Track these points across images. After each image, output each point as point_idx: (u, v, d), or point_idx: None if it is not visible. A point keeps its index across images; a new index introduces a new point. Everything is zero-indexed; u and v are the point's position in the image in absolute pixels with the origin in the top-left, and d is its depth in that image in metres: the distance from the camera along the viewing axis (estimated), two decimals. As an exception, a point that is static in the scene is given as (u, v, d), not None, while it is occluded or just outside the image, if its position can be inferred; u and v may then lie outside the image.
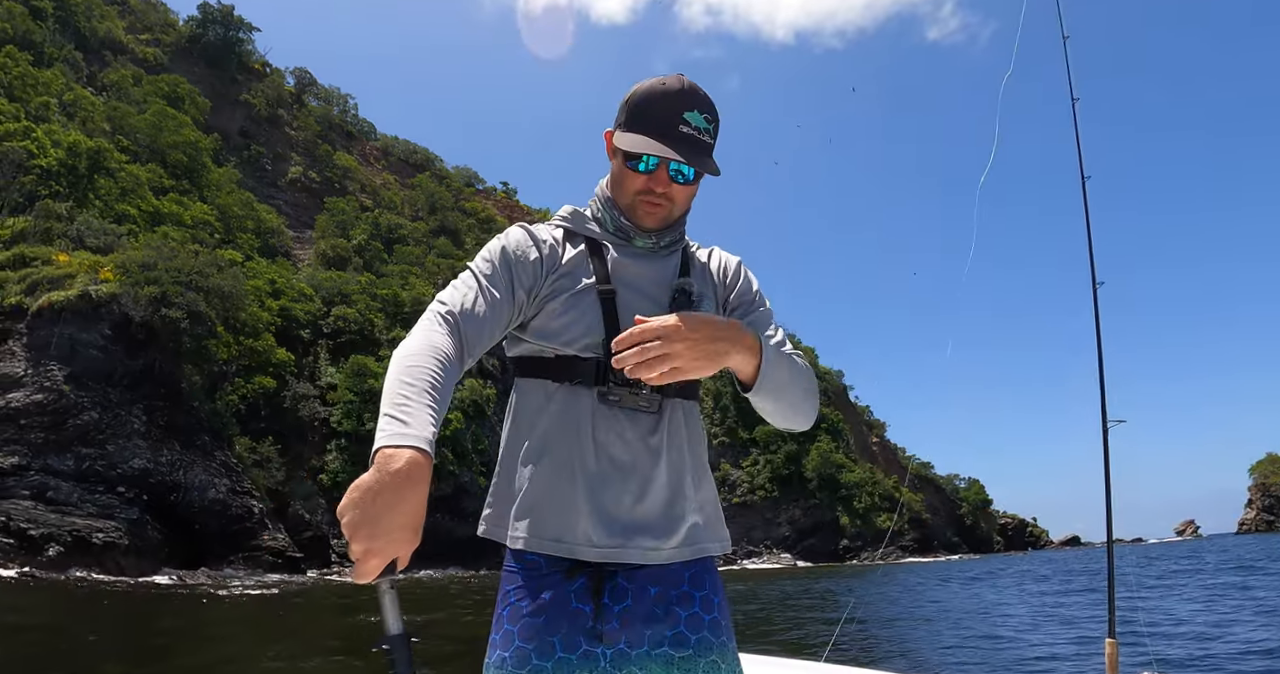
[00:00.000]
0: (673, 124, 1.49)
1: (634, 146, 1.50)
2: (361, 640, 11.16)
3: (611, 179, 1.62)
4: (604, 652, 1.48)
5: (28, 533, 21.34)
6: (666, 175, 1.54)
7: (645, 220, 1.59)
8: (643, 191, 1.56)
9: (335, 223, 57.57)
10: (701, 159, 1.51)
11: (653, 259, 1.64)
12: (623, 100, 1.57)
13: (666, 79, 1.53)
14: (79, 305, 26.47)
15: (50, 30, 44.83)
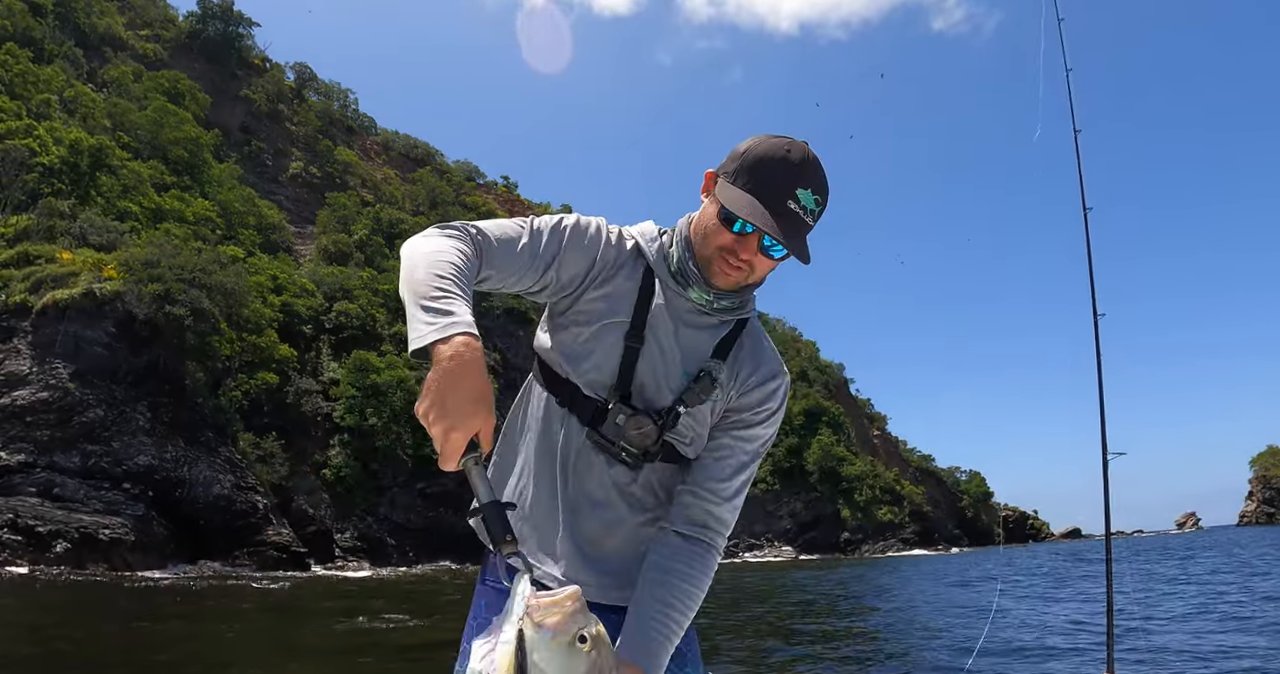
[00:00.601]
0: (783, 197, 1.41)
1: (737, 206, 1.42)
2: (364, 637, 11.32)
3: (698, 223, 1.54)
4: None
5: (35, 530, 21.54)
6: (757, 244, 1.46)
7: (717, 279, 1.51)
8: (727, 250, 1.48)
9: (336, 218, 57.60)
10: (798, 242, 1.43)
11: (698, 321, 1.57)
12: (738, 150, 1.49)
13: (792, 145, 1.45)
14: (83, 303, 26.61)
15: (50, 27, 44.82)
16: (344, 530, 40.47)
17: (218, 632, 11.96)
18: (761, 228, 1.39)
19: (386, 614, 13.91)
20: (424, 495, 44.47)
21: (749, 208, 1.41)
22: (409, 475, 43.94)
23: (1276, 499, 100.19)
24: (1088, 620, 12.72)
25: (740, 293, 1.58)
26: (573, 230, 1.54)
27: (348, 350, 45.56)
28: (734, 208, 1.42)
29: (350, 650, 10.10)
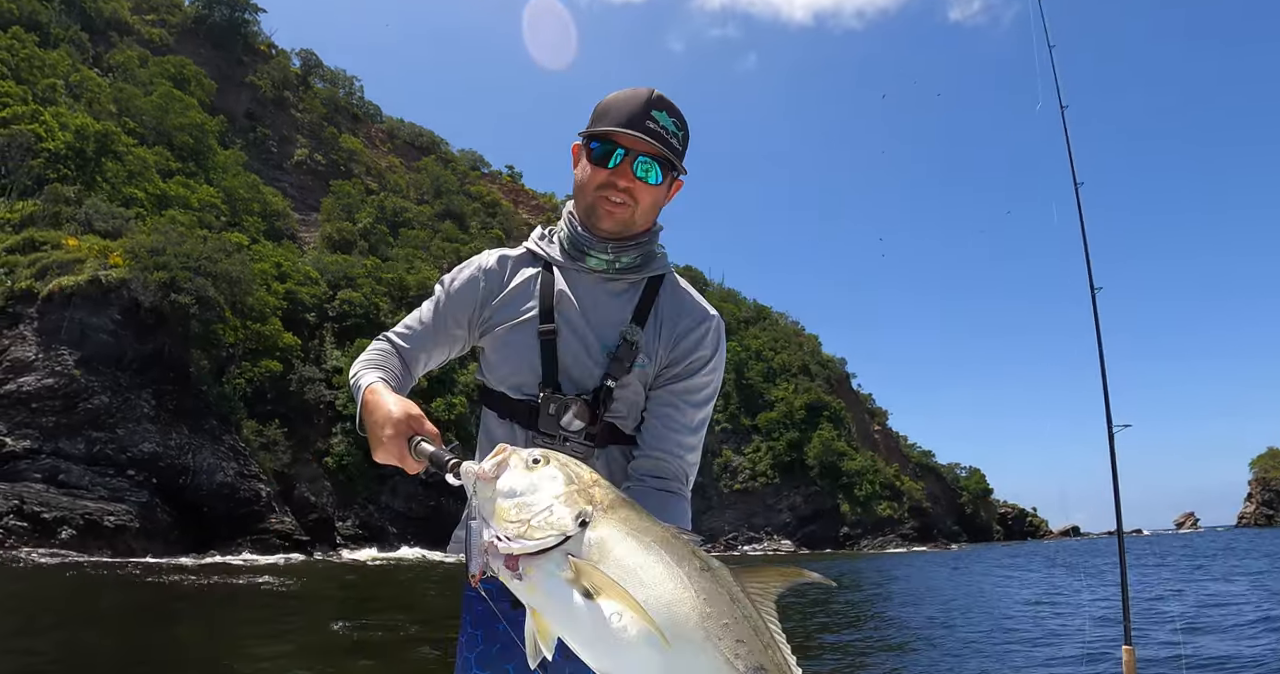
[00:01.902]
0: (640, 120, 1.47)
1: (603, 132, 1.49)
2: (367, 619, 11.39)
3: (576, 185, 1.59)
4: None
5: (41, 516, 21.67)
6: (630, 169, 1.49)
7: (605, 221, 1.54)
8: (605, 186, 1.52)
9: (341, 206, 57.55)
10: (668, 150, 1.49)
11: (607, 291, 1.60)
12: (594, 110, 1.55)
13: (640, 88, 1.52)
14: (89, 290, 26.67)
15: (56, 11, 44.71)
16: (346, 518, 40.65)
17: (218, 620, 12.03)
18: (628, 132, 1.46)
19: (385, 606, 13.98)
20: (426, 484, 44.58)
21: (611, 132, 1.48)
22: (411, 464, 44.09)
23: (1276, 501, 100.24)
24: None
25: (640, 245, 1.59)
26: (448, 291, 1.67)
27: (351, 338, 45.60)
28: (601, 128, 1.49)
29: (357, 630, 10.17)
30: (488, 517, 1.18)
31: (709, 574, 1.17)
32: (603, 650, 1.13)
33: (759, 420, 76.42)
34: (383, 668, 8.50)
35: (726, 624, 1.13)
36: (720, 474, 73.83)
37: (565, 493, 1.16)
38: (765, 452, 76.02)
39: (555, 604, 1.15)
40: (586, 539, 1.14)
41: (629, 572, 1.13)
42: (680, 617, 1.11)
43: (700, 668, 1.11)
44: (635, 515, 1.20)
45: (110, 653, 8.74)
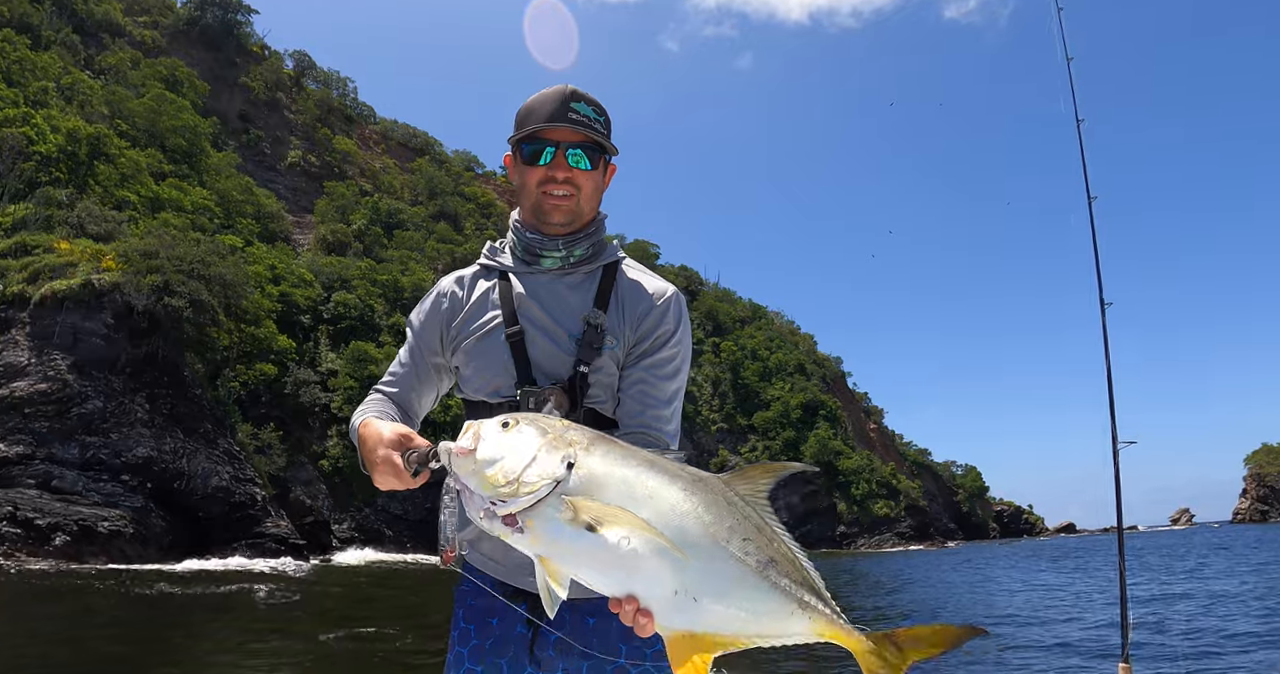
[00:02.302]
0: (562, 113, 1.54)
1: (526, 132, 1.57)
2: (361, 628, 11.32)
3: (517, 190, 1.67)
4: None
5: (34, 522, 21.52)
6: (564, 160, 1.57)
7: (553, 215, 1.60)
8: (544, 181, 1.58)
9: (335, 207, 57.37)
10: (594, 135, 1.56)
11: (565, 285, 1.64)
12: (515, 118, 1.62)
13: (555, 87, 1.59)
14: (82, 294, 26.49)
15: (48, 13, 44.45)
16: (342, 521, 40.53)
17: (208, 630, 11.95)
18: (554, 126, 1.53)
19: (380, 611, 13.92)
20: (423, 487, 44.32)
21: (536, 128, 1.55)
22: (407, 467, 43.95)
23: (1270, 497, 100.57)
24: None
25: (589, 236, 1.65)
26: (414, 327, 1.74)
27: (346, 341, 45.47)
28: (536, 136, 1.56)
29: (353, 636, 10.12)
30: (475, 488, 1.21)
31: (701, 484, 1.24)
32: (619, 575, 1.19)
33: (755, 420, 76.42)
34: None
35: (730, 527, 1.21)
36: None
37: (544, 443, 1.21)
38: (762, 451, 76.00)
39: (562, 545, 1.20)
40: (576, 478, 1.19)
41: (625, 497, 1.19)
42: (685, 527, 1.18)
43: (715, 570, 1.19)
44: (616, 447, 1.26)
45: (95, 664, 8.65)
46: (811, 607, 1.24)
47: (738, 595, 1.21)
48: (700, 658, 1.22)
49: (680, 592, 1.19)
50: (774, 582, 1.22)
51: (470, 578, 1.64)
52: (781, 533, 1.26)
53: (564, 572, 1.22)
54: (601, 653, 1.56)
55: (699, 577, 1.19)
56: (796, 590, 1.24)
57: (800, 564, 1.26)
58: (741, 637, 1.24)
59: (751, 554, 1.21)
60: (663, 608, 1.20)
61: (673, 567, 1.18)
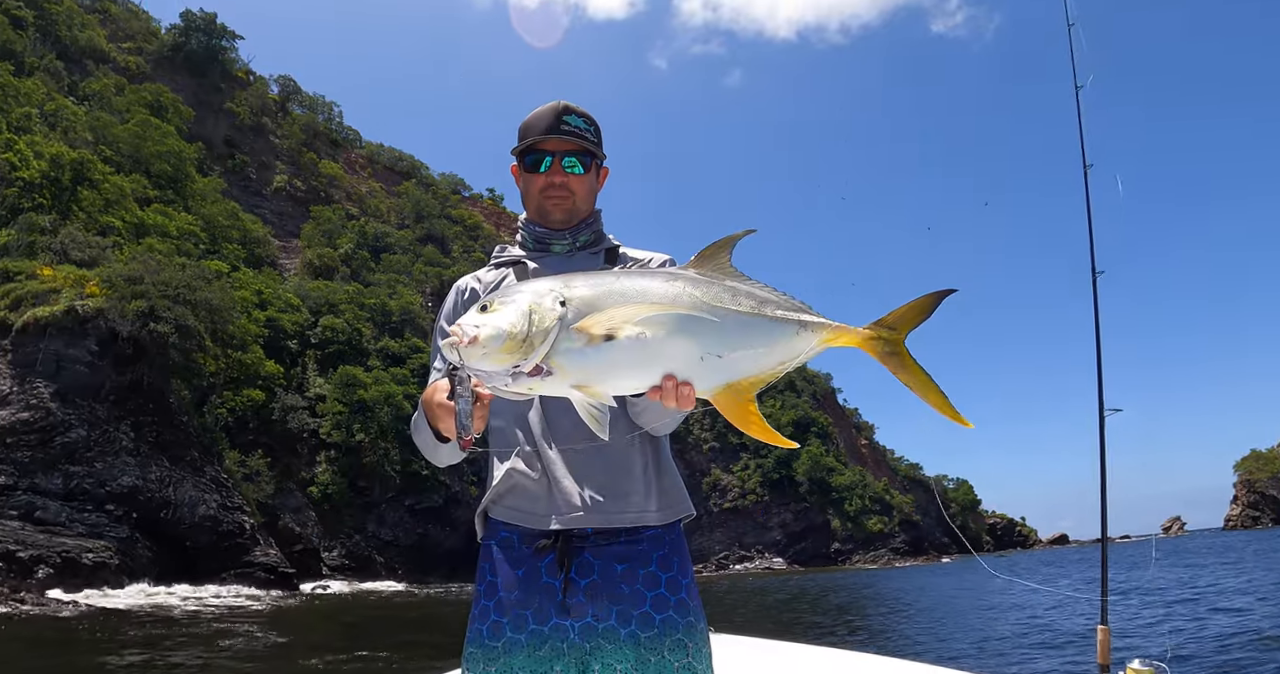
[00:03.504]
0: (555, 125, 1.75)
1: (529, 142, 1.76)
2: (355, 649, 11.01)
3: (522, 197, 1.85)
4: (572, 625, 1.59)
5: (16, 555, 20.96)
6: (560, 167, 1.77)
7: (554, 214, 1.79)
8: (544, 186, 1.78)
9: (321, 232, 57.13)
10: (585, 144, 1.76)
11: (575, 262, 1.80)
12: (517, 133, 1.82)
13: (549, 103, 1.79)
14: (65, 321, 26.07)
15: (31, 39, 44.24)
16: (332, 549, 39.84)
17: (207, 657, 11.60)
18: (548, 137, 1.73)
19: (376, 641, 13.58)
20: (413, 512, 43.91)
21: (533, 140, 1.75)
22: (397, 491, 43.37)
23: (1261, 503, 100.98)
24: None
25: (587, 224, 1.83)
26: (445, 328, 1.79)
27: (334, 365, 45.04)
28: (535, 148, 1.76)
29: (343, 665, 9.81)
30: (494, 368, 1.29)
31: (675, 274, 1.41)
32: (650, 365, 1.33)
33: (746, 438, 75.91)
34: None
35: (717, 292, 1.38)
36: (709, 493, 73.42)
37: (529, 297, 1.32)
38: (754, 469, 75.77)
39: (591, 366, 1.31)
40: (573, 309, 1.31)
41: (623, 300, 1.32)
42: (682, 303, 1.35)
43: (723, 326, 1.36)
44: (587, 273, 1.41)
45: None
46: (810, 323, 1.43)
47: (750, 338, 1.38)
48: (745, 402, 1.39)
49: (705, 355, 1.35)
50: (773, 316, 1.41)
51: (498, 529, 1.70)
52: (759, 284, 1.44)
53: (604, 389, 1.34)
54: (629, 599, 1.61)
55: (713, 335, 1.35)
56: (794, 316, 1.42)
57: (786, 297, 1.44)
58: (767, 370, 1.41)
59: (744, 303, 1.39)
60: (696, 373, 1.35)
61: (690, 337, 1.34)
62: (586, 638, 1.58)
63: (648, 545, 1.66)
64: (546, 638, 1.58)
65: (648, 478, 1.69)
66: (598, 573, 1.61)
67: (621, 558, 1.63)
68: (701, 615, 1.67)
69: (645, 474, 1.69)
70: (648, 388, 1.34)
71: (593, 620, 1.58)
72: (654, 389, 1.34)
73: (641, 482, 1.68)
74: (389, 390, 43.46)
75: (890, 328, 1.46)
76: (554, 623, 1.59)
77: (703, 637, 1.64)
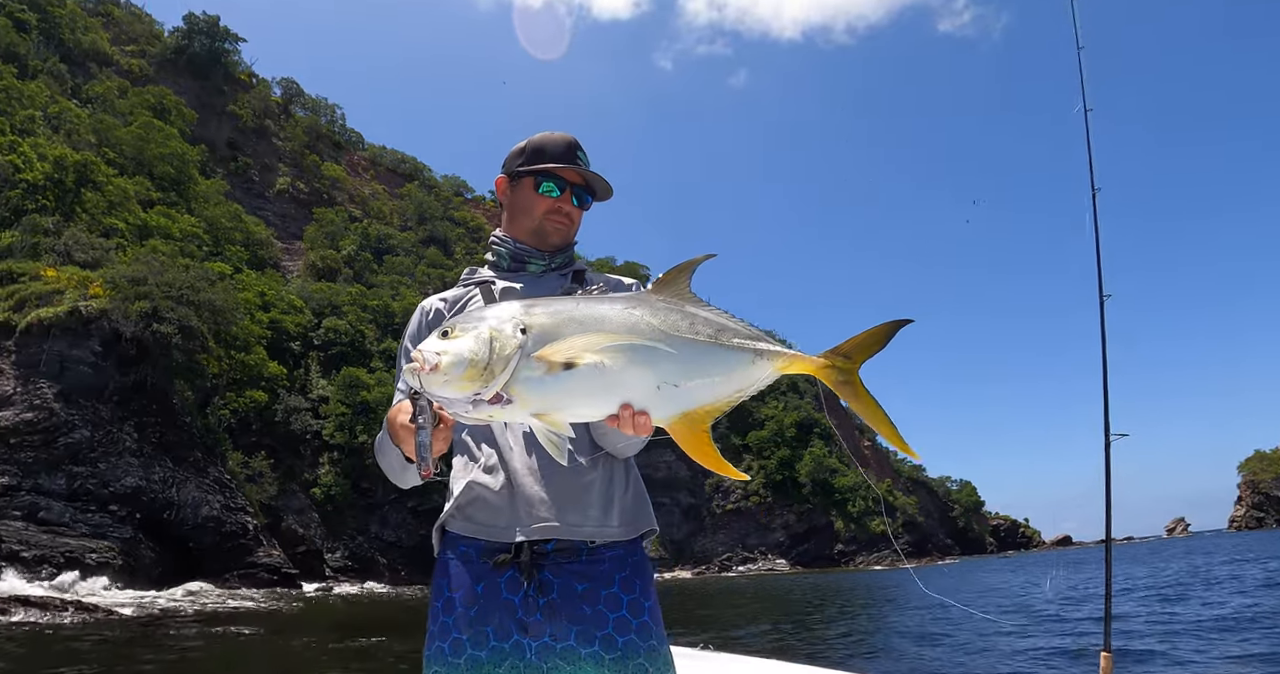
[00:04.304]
0: (570, 157, 1.81)
1: (543, 167, 1.79)
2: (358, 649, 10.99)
3: (514, 210, 1.85)
4: (529, 643, 1.57)
5: (20, 555, 20.97)
6: (570, 197, 1.82)
7: (553, 237, 1.83)
8: (552, 211, 1.81)
9: (324, 234, 57.21)
10: (600, 183, 1.83)
11: (545, 281, 1.83)
12: (515, 150, 1.85)
13: (554, 132, 1.85)
14: (68, 322, 26.10)
15: (34, 42, 44.38)
16: (334, 550, 39.84)
17: (210, 657, 11.59)
18: (571, 168, 1.79)
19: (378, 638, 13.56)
20: (415, 513, 43.88)
21: (560, 169, 1.79)
22: (400, 493, 43.31)
23: (1265, 504, 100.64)
24: None
25: (565, 251, 1.87)
26: (405, 349, 1.79)
27: (337, 367, 45.08)
28: (551, 173, 1.79)
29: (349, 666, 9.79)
30: (455, 395, 1.29)
31: (635, 299, 1.42)
32: (607, 394, 1.33)
33: (749, 439, 76.04)
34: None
35: (674, 321, 1.39)
36: (712, 495, 73.28)
37: (489, 325, 1.32)
38: (757, 470, 75.64)
39: (550, 394, 1.31)
40: (533, 338, 1.32)
41: (580, 332, 1.32)
42: (640, 332, 1.35)
43: (679, 355, 1.36)
44: (547, 300, 1.40)
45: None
46: (766, 351, 1.45)
47: (706, 366, 1.39)
48: (700, 432, 1.40)
49: (661, 384, 1.36)
50: (729, 344, 1.41)
51: (457, 543, 1.68)
52: (717, 311, 1.45)
53: (561, 417, 1.34)
54: (591, 620, 1.58)
55: (669, 365, 1.36)
56: (750, 344, 1.43)
57: (744, 325, 1.46)
58: (723, 399, 1.42)
59: (701, 332, 1.40)
60: (653, 402, 1.36)
61: (647, 366, 1.35)
62: (544, 658, 1.56)
63: (610, 566, 1.64)
64: (507, 655, 1.56)
65: (610, 492, 1.68)
66: (556, 592, 1.59)
67: (582, 577, 1.61)
68: (664, 639, 1.65)
69: (608, 488, 1.68)
70: (605, 416, 1.35)
71: (550, 640, 1.56)
72: (611, 417, 1.35)
73: (604, 495, 1.67)
74: (392, 392, 42.59)
75: (845, 357, 1.48)
76: (514, 640, 1.57)
77: (665, 661, 1.63)
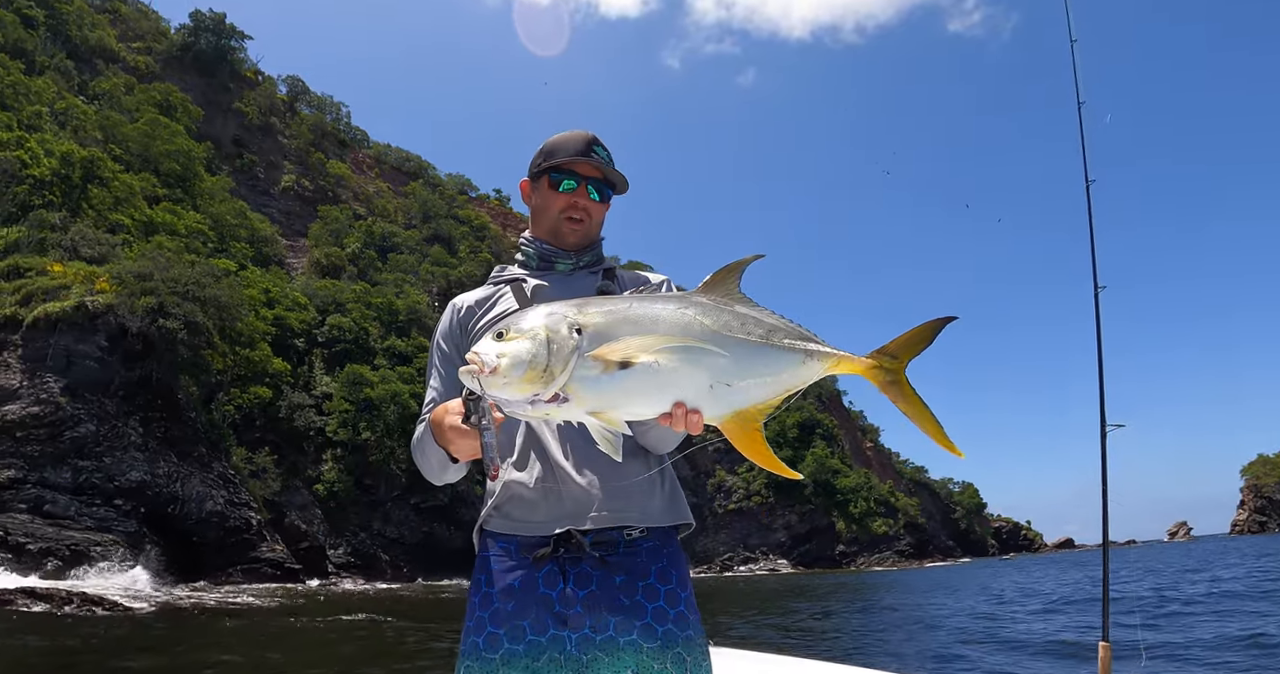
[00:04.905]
0: (586, 152, 1.80)
1: (564, 167, 1.80)
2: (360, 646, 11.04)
3: (536, 212, 1.86)
4: (569, 636, 1.57)
5: (25, 547, 21.07)
6: (586, 192, 1.81)
7: (569, 237, 1.82)
8: (567, 207, 1.80)
9: (329, 231, 57.33)
10: (614, 174, 1.82)
11: (574, 280, 1.83)
12: (537, 152, 1.86)
13: (573, 131, 1.84)
14: (75, 316, 26.21)
15: (42, 39, 44.57)
16: (337, 547, 39.90)
17: (214, 651, 11.63)
18: (590, 164, 1.79)
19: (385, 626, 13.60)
20: (418, 510, 43.96)
21: (570, 162, 1.79)
22: (403, 490, 43.43)
23: (1268, 508, 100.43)
24: None
25: (593, 247, 1.87)
26: (438, 344, 1.84)
27: (341, 364, 45.15)
28: (564, 168, 1.80)
29: (355, 661, 9.83)
30: (515, 396, 1.32)
31: (687, 300, 1.45)
32: (662, 393, 1.36)
33: (752, 439, 76.01)
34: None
35: (726, 321, 1.42)
36: (714, 494, 73.28)
37: (545, 326, 1.34)
38: (759, 470, 75.49)
39: (607, 393, 1.34)
40: (588, 338, 1.34)
41: (635, 331, 1.36)
42: (694, 332, 1.38)
43: (732, 355, 1.39)
44: (600, 300, 1.44)
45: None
46: (816, 352, 1.47)
47: (758, 367, 1.42)
48: (752, 430, 1.43)
49: (714, 383, 1.39)
50: (780, 344, 1.44)
51: (494, 540, 1.70)
52: (767, 312, 1.48)
53: (617, 415, 1.37)
54: (629, 610, 1.59)
55: (722, 364, 1.39)
56: (800, 345, 1.46)
57: (793, 325, 1.48)
58: (774, 397, 1.45)
59: (753, 332, 1.43)
60: (706, 401, 1.39)
61: (700, 365, 1.38)
62: (584, 650, 1.56)
63: (646, 557, 1.65)
64: (545, 649, 1.56)
65: (649, 484, 1.71)
66: (596, 584, 1.61)
67: (620, 569, 1.63)
68: (700, 629, 1.66)
69: (647, 481, 1.71)
70: (659, 414, 1.38)
71: (590, 632, 1.57)
72: (664, 416, 1.38)
73: (643, 488, 1.70)
74: (395, 389, 43.52)
75: (892, 356, 1.48)
76: (552, 634, 1.57)
77: (702, 651, 1.64)
